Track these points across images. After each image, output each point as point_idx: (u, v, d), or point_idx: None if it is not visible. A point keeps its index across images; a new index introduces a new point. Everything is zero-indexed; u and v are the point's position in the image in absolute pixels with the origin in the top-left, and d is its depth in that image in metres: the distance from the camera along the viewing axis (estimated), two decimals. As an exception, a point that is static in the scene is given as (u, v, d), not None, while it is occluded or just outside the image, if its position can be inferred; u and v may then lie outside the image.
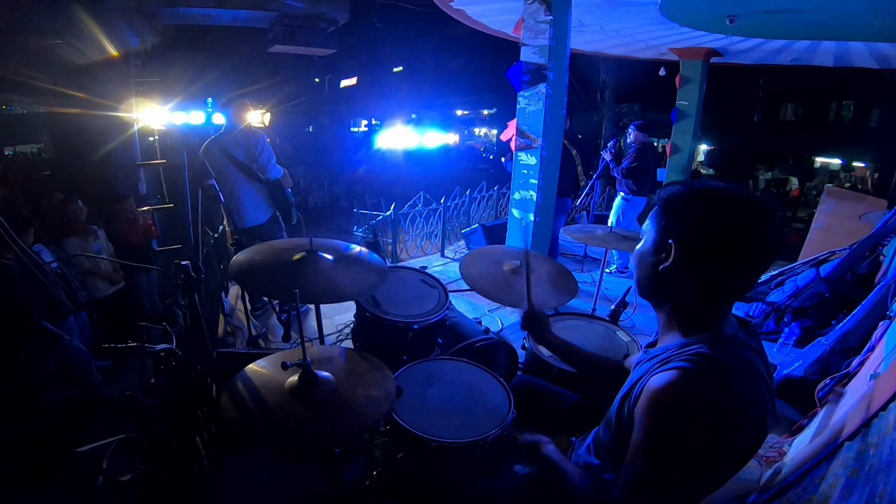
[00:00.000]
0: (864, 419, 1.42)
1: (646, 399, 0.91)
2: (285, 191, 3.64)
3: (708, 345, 0.92)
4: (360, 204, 9.90)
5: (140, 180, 5.79)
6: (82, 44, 4.75)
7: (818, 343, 2.68)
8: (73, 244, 3.75)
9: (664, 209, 0.99)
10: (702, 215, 0.94)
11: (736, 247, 0.91)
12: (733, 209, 0.92)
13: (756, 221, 0.91)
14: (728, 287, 0.96)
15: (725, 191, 0.94)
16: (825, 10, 3.76)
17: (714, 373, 0.87)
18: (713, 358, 0.89)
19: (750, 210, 0.91)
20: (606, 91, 13.29)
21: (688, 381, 0.87)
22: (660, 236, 0.99)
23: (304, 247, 1.83)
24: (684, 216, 0.96)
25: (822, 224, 4.67)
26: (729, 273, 0.93)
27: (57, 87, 4.97)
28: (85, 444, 1.38)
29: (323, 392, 1.37)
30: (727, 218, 0.91)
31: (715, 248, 0.92)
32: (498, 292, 2.06)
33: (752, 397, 0.89)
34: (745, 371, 0.91)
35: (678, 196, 0.98)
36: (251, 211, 3.56)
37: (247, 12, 5.43)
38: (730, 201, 0.93)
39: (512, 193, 3.86)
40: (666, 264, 0.97)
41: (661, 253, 0.98)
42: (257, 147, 3.44)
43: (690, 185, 0.98)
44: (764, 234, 0.91)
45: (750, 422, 0.89)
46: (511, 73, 3.61)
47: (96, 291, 3.90)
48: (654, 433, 0.89)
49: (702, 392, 0.85)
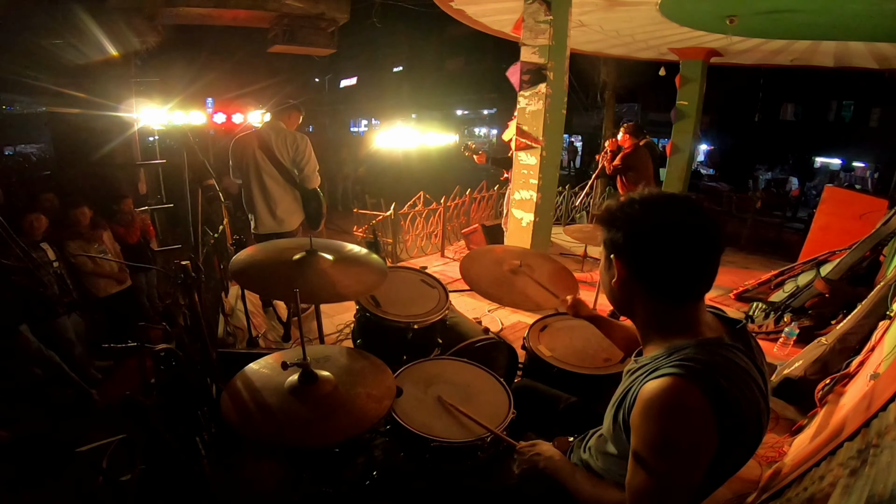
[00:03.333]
0: (864, 419, 1.42)
1: (640, 406, 0.91)
2: (320, 199, 3.55)
3: (694, 349, 0.93)
4: (360, 204, 9.89)
5: (140, 180, 5.80)
6: (82, 44, 4.75)
7: (818, 343, 2.68)
8: (75, 247, 3.76)
9: (604, 227, 1.03)
10: (637, 225, 0.96)
11: (674, 245, 0.93)
12: (665, 212, 0.95)
13: (689, 218, 0.94)
14: (681, 286, 0.97)
15: (657, 197, 0.98)
16: (825, 10, 3.76)
17: (704, 376, 0.88)
18: (702, 362, 0.90)
19: (680, 209, 0.94)
20: (606, 91, 13.27)
21: (680, 386, 0.87)
22: (606, 256, 1.04)
23: (304, 247, 1.83)
24: (622, 229, 0.99)
25: (822, 224, 4.67)
26: (677, 272, 0.95)
27: (57, 87, 4.97)
28: (85, 445, 1.38)
29: (323, 392, 1.37)
30: (661, 221, 0.94)
31: (655, 251, 0.95)
32: (498, 292, 2.05)
33: (745, 399, 0.90)
34: (733, 373, 0.91)
35: (611, 213, 1.01)
36: (288, 216, 3.47)
37: (247, 12, 5.43)
38: (661, 206, 0.96)
39: (512, 193, 3.86)
40: (613, 280, 1.02)
41: (609, 270, 1.03)
42: (304, 154, 3.36)
43: (621, 201, 1.01)
44: (698, 229, 0.93)
45: (746, 424, 0.90)
46: (511, 73, 3.61)
47: (101, 290, 3.91)
48: (652, 440, 0.89)
49: (694, 396, 0.86)
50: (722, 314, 1.07)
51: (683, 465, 0.88)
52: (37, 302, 3.13)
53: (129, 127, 5.34)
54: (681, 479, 0.89)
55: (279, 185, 3.39)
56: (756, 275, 4.23)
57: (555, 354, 1.96)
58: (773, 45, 5.26)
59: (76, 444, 1.40)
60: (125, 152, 5.51)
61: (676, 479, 0.89)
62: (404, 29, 20.06)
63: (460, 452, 1.49)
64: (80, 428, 2.97)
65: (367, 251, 1.99)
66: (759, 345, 1.06)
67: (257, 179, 3.37)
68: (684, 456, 0.87)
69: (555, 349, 2.00)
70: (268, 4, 5.42)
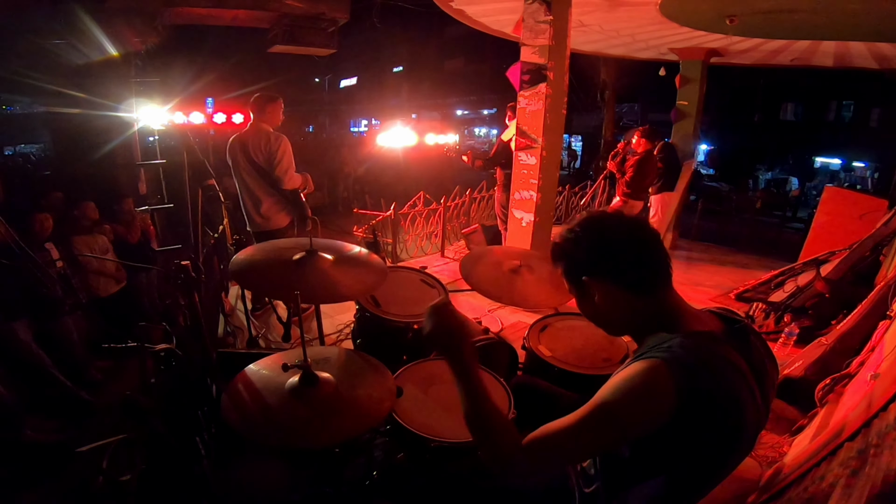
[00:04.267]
0: (864, 419, 1.42)
1: (619, 374, 0.95)
2: (298, 201, 3.53)
3: (678, 339, 0.95)
4: (360, 204, 9.89)
5: (140, 180, 5.80)
6: (82, 44, 4.76)
7: (818, 343, 2.68)
8: (81, 244, 3.76)
9: (562, 261, 1.11)
10: (587, 242, 1.06)
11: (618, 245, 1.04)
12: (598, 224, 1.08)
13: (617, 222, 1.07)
14: (643, 279, 1.03)
15: (584, 219, 1.10)
16: (825, 10, 3.76)
17: (683, 363, 0.89)
18: (686, 349, 0.92)
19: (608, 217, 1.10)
20: (606, 91, 13.28)
21: (662, 370, 0.89)
22: (575, 281, 1.09)
23: (304, 247, 1.83)
24: (579, 252, 1.07)
25: (822, 224, 4.67)
26: (632, 267, 1.03)
27: (57, 87, 4.97)
28: (85, 445, 1.38)
29: (323, 392, 1.37)
30: (598, 231, 1.06)
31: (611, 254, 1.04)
32: (498, 292, 2.06)
33: (723, 393, 0.90)
34: (717, 367, 0.92)
35: (564, 244, 1.10)
36: (271, 215, 3.48)
37: (247, 12, 5.43)
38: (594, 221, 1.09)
39: (512, 193, 3.86)
40: (597, 296, 1.06)
41: (586, 294, 1.08)
42: (278, 154, 3.33)
43: (561, 235, 1.11)
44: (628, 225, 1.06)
45: (719, 418, 0.90)
46: (511, 73, 3.61)
47: (102, 290, 3.91)
48: (600, 395, 0.93)
49: (672, 384, 0.87)
50: (726, 314, 1.07)
51: (606, 425, 0.91)
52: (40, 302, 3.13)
53: (129, 127, 5.34)
54: (591, 437, 0.92)
55: (260, 185, 3.42)
56: (756, 275, 4.23)
57: (555, 354, 1.97)
58: (773, 45, 5.26)
59: (76, 444, 1.40)
60: (125, 152, 5.51)
61: (588, 434, 0.91)
62: (404, 29, 20.05)
63: (460, 452, 1.49)
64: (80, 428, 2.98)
65: (367, 251, 1.99)
66: (767, 346, 1.06)
67: (241, 179, 3.44)
68: (612, 418, 0.90)
69: (555, 349, 2.00)
70: (268, 4, 5.42)
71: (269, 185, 3.43)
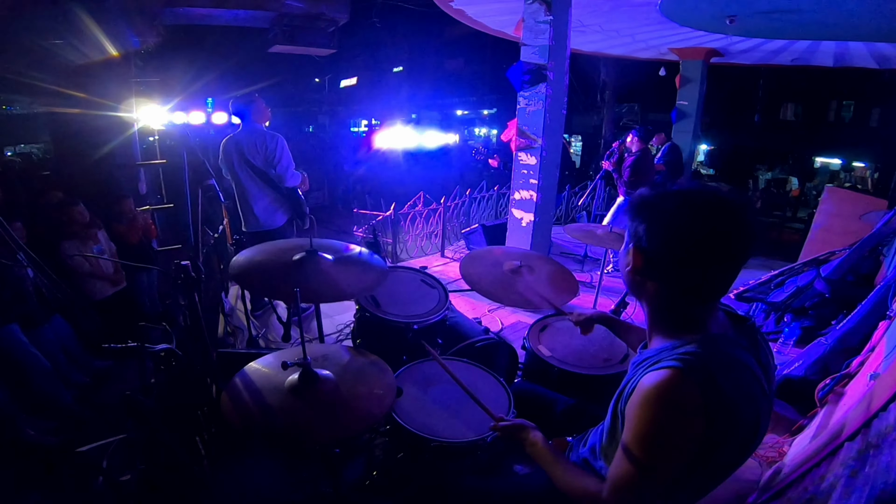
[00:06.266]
0: (864, 419, 1.42)
1: (637, 396, 0.92)
2: (299, 197, 3.54)
3: (697, 345, 0.93)
4: (360, 204, 9.88)
5: (140, 180, 5.79)
6: (82, 44, 4.75)
7: (818, 343, 2.68)
8: (71, 247, 3.72)
9: (631, 214, 1.00)
10: (663, 222, 0.94)
11: (699, 251, 0.91)
12: (696, 214, 0.91)
13: (720, 225, 0.90)
14: (699, 290, 0.96)
15: (691, 195, 0.93)
16: (825, 10, 3.76)
17: (704, 371, 0.88)
18: (703, 357, 0.90)
19: (714, 214, 0.90)
20: (606, 91, 13.28)
21: (677, 379, 0.88)
22: (627, 240, 1.02)
23: (304, 247, 1.83)
24: (646, 222, 0.96)
25: (822, 224, 4.67)
26: (697, 276, 0.94)
27: (57, 87, 4.96)
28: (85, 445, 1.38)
29: (323, 391, 1.37)
30: (688, 223, 0.91)
31: (676, 253, 0.93)
32: (498, 292, 2.05)
33: (743, 396, 0.90)
34: (735, 370, 0.91)
35: (643, 201, 0.98)
36: (268, 215, 3.48)
37: (247, 12, 5.42)
38: (693, 206, 0.92)
39: (512, 193, 3.86)
40: (628, 268, 1.01)
41: (629, 257, 1.01)
42: (276, 153, 3.34)
43: (657, 191, 0.98)
44: (729, 236, 0.90)
45: (741, 421, 0.90)
46: (511, 73, 3.61)
47: (96, 293, 3.88)
48: (642, 428, 0.90)
49: (691, 390, 0.87)
50: (731, 311, 1.07)
51: (666, 456, 0.89)
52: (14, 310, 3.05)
53: (129, 127, 5.34)
54: (661, 470, 0.90)
55: (256, 185, 3.43)
56: (756, 275, 4.23)
57: (555, 354, 1.97)
58: (773, 45, 5.26)
59: (76, 444, 1.40)
60: (125, 152, 5.50)
61: (657, 469, 0.90)
62: (404, 29, 20.03)
63: (460, 452, 1.49)
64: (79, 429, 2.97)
65: (367, 251, 1.99)
66: (768, 344, 1.05)
67: (237, 180, 3.45)
68: (669, 448, 0.89)
69: (555, 349, 2.00)
70: (268, 4, 5.41)
71: (266, 184, 3.43)
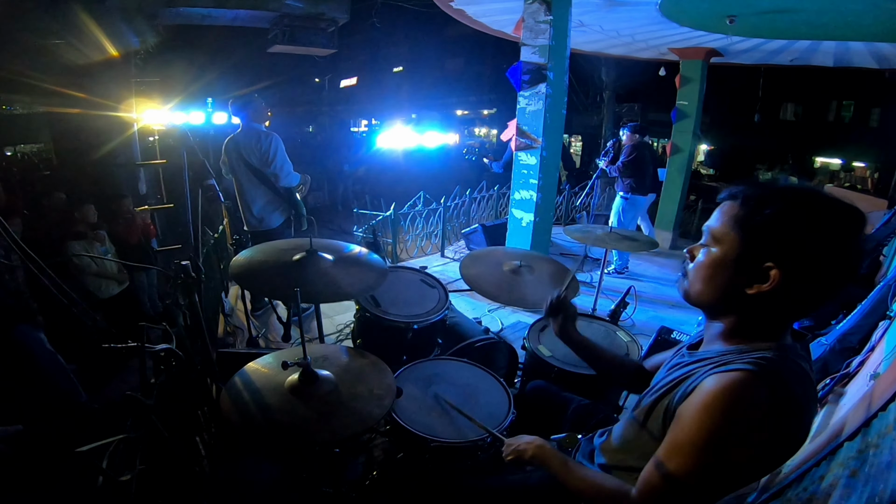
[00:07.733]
0: (864, 419, 1.41)
1: (703, 396, 0.88)
2: (293, 200, 3.56)
3: (772, 351, 0.90)
4: (360, 204, 9.88)
5: (140, 180, 5.80)
6: (82, 44, 4.75)
7: (818, 343, 2.68)
8: (77, 248, 3.74)
9: (758, 224, 0.86)
10: (809, 234, 0.83)
11: (841, 266, 0.84)
12: (838, 224, 0.83)
13: (854, 234, 0.83)
14: (810, 304, 0.90)
15: (826, 201, 0.84)
16: (825, 10, 3.75)
17: (777, 377, 0.86)
18: (777, 363, 0.87)
19: (850, 222, 0.83)
20: (606, 91, 13.29)
21: (754, 382, 0.84)
22: (749, 254, 0.88)
23: (304, 247, 1.83)
24: (788, 235, 0.84)
25: (822, 224, 4.66)
26: (820, 292, 0.87)
27: (57, 87, 4.97)
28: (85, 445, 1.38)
29: (323, 391, 1.37)
30: (833, 235, 0.83)
31: (821, 270, 0.84)
32: (498, 292, 2.06)
33: (807, 406, 0.89)
34: (804, 381, 0.90)
35: (776, 208, 0.84)
36: (266, 215, 3.49)
37: (247, 12, 5.43)
38: (834, 214, 0.83)
39: (512, 193, 3.86)
40: (761, 289, 0.87)
41: (747, 273, 0.88)
42: (270, 152, 3.35)
43: (785, 194, 0.86)
44: (861, 253, 0.85)
45: (800, 430, 0.90)
46: (511, 73, 3.61)
47: (102, 292, 3.91)
48: (705, 428, 0.85)
49: (767, 394, 0.84)
50: None
51: (724, 458, 0.85)
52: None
53: (129, 127, 5.34)
54: (716, 474, 0.87)
55: (254, 185, 3.44)
56: (756, 275, 4.22)
57: (555, 354, 1.97)
58: (773, 45, 5.25)
59: (76, 444, 1.40)
60: (125, 152, 5.51)
61: (713, 472, 0.87)
62: (404, 29, 20.05)
63: (460, 452, 1.49)
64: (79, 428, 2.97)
65: (367, 251, 2.00)
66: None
67: (237, 180, 3.48)
68: (730, 449, 0.85)
69: (555, 349, 2.00)
70: (268, 4, 5.42)
71: (264, 185, 3.44)
